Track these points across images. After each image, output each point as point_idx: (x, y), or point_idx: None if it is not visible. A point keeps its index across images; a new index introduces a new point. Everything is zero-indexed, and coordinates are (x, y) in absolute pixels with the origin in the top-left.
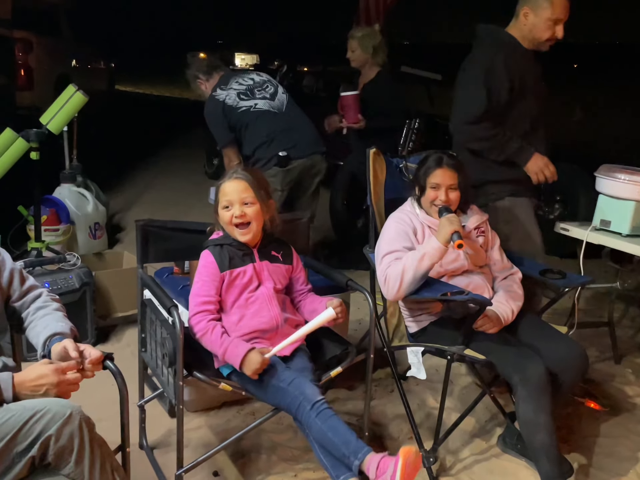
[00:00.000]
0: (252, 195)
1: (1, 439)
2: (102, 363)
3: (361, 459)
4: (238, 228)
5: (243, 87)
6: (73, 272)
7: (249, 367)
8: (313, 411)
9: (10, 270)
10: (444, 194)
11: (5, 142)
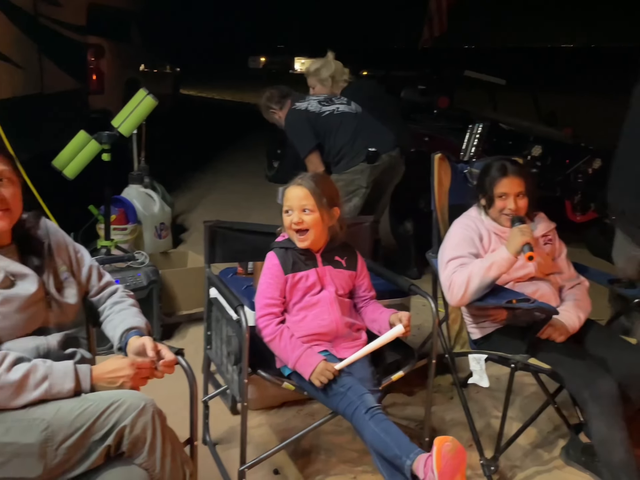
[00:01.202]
0: (312, 203)
1: (79, 428)
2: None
3: (413, 459)
4: (297, 234)
5: (321, 97)
6: (141, 270)
7: (319, 378)
8: (367, 414)
9: (89, 267)
10: (512, 203)
11: (79, 143)
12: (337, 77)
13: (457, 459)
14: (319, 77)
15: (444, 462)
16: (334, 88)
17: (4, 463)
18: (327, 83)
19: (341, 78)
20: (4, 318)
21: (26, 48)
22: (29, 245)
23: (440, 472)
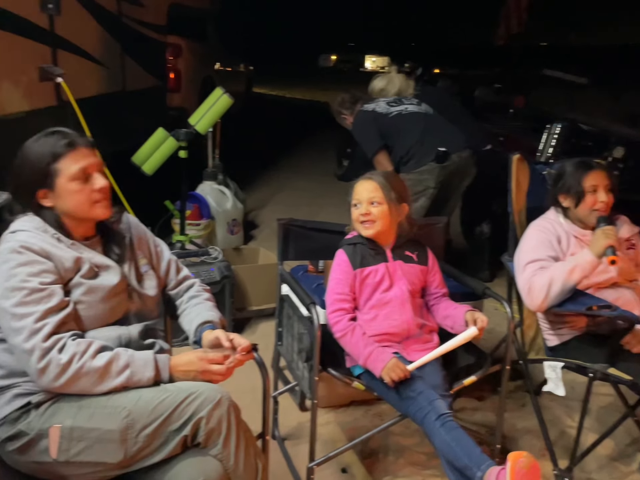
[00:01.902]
0: (380, 195)
1: (158, 417)
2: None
3: (484, 471)
4: (363, 224)
5: (390, 98)
6: (215, 265)
7: (390, 374)
8: (438, 421)
9: (168, 260)
10: (604, 194)
11: (158, 140)
12: (403, 92)
13: (532, 475)
14: (386, 95)
15: (518, 478)
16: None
17: (88, 447)
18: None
19: (407, 92)
20: (89, 307)
21: (110, 47)
22: (112, 238)
23: None
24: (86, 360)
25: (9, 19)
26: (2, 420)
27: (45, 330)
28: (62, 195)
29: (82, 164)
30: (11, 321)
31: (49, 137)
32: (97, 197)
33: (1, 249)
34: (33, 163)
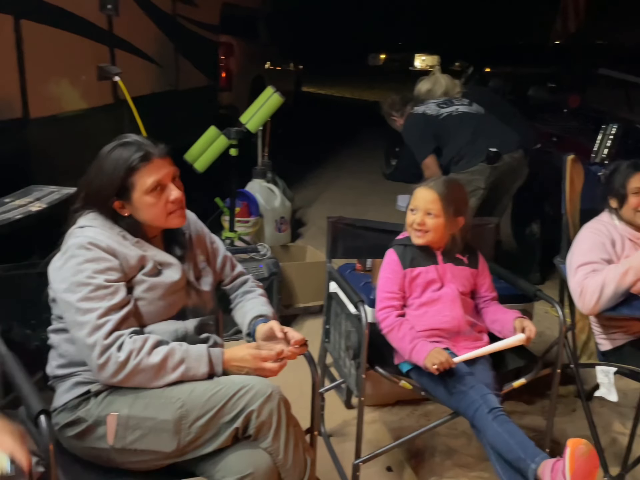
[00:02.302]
0: (438, 208)
1: (211, 409)
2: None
3: (538, 463)
4: (415, 231)
5: (441, 100)
6: (263, 262)
7: (432, 360)
8: (491, 414)
9: (223, 257)
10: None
11: (209, 138)
12: (450, 92)
13: (591, 464)
14: (433, 96)
15: (577, 465)
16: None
17: (143, 435)
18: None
19: (454, 92)
20: (149, 303)
21: (165, 47)
22: (173, 236)
23: (573, 475)
24: (143, 357)
25: (70, 19)
26: (62, 407)
27: (107, 327)
28: (139, 207)
29: (157, 176)
30: (75, 315)
31: (125, 148)
32: (172, 208)
33: (69, 244)
34: (109, 175)
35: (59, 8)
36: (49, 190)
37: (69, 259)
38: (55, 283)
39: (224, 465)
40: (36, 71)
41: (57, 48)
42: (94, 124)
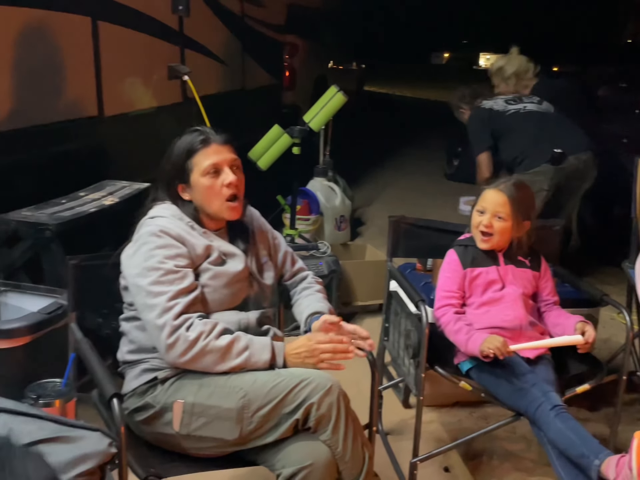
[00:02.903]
0: (507, 211)
1: (272, 400)
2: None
3: (602, 459)
4: (481, 235)
5: (510, 96)
6: (323, 260)
7: (488, 345)
8: (553, 411)
9: (284, 252)
10: None
11: (273, 137)
12: (522, 74)
13: None
14: (503, 75)
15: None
16: (518, 86)
17: (207, 423)
18: (510, 81)
19: (526, 76)
20: (213, 291)
21: (232, 47)
22: (237, 229)
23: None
24: (211, 339)
25: (144, 20)
26: (131, 392)
27: (176, 309)
28: (196, 189)
29: (213, 159)
30: (146, 298)
31: (189, 134)
32: (227, 193)
33: (141, 232)
34: (174, 159)
35: (134, 10)
36: (120, 185)
37: (141, 245)
38: (128, 269)
39: (284, 455)
40: (111, 71)
41: (131, 48)
42: (163, 122)
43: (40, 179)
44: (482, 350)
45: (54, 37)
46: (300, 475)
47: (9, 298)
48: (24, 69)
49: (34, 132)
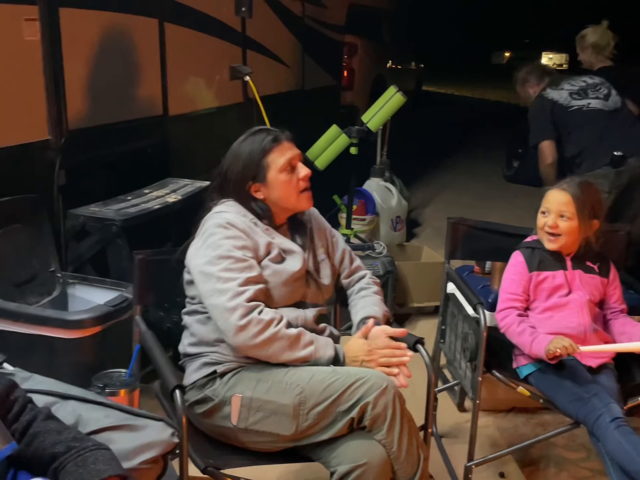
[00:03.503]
0: (572, 210)
1: (328, 397)
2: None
3: None
4: (548, 235)
5: (575, 87)
6: (379, 260)
7: (555, 345)
8: (613, 424)
9: (342, 251)
10: None
11: (331, 137)
12: (600, 48)
13: None
14: (583, 44)
15: None
16: (594, 59)
17: (264, 417)
18: (587, 51)
19: (604, 51)
20: (272, 288)
21: (293, 48)
22: (297, 226)
23: None
24: (281, 327)
25: (208, 22)
26: (191, 385)
27: (248, 294)
28: (273, 186)
29: (288, 156)
30: (217, 283)
31: (256, 135)
32: (302, 186)
33: (207, 225)
34: (245, 160)
35: (199, 11)
36: (183, 183)
37: (208, 237)
38: (195, 260)
39: (339, 453)
40: (176, 71)
41: (196, 49)
42: (224, 121)
43: (108, 176)
44: (549, 350)
45: (126, 38)
46: (355, 473)
47: (77, 290)
48: (96, 69)
49: (103, 131)
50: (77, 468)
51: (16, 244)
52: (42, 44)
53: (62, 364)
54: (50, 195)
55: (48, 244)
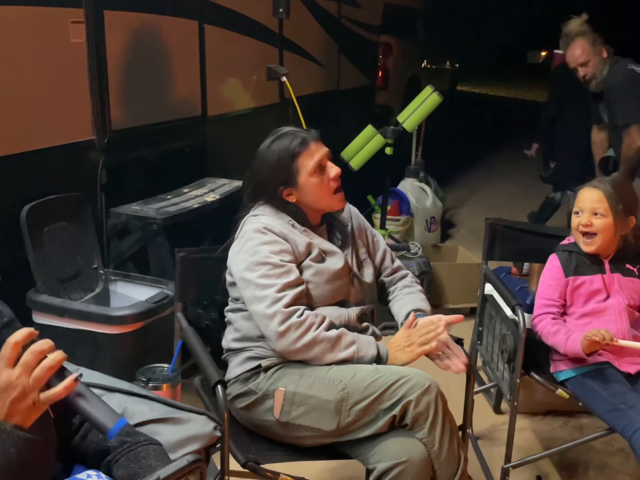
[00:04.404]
0: (605, 207)
1: (370, 395)
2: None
3: None
4: (583, 237)
5: None
6: (414, 260)
7: (591, 337)
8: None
9: (384, 250)
10: None
11: (366, 137)
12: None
13: None
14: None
15: None
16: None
17: (306, 412)
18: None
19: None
20: (315, 287)
21: (329, 48)
22: (336, 226)
23: None
24: (321, 330)
25: (246, 23)
26: (234, 379)
27: (286, 300)
28: (305, 190)
29: (317, 157)
30: (255, 290)
31: (282, 139)
32: (334, 185)
33: (246, 229)
34: (274, 166)
35: (237, 13)
36: (221, 183)
37: (246, 242)
38: (235, 265)
39: (379, 450)
40: (215, 72)
41: (234, 50)
42: (261, 122)
43: (148, 175)
44: (586, 336)
45: (167, 40)
46: (395, 471)
47: (119, 287)
48: (138, 71)
49: (144, 132)
50: (130, 462)
51: (61, 241)
52: (88, 46)
53: (105, 359)
54: (93, 194)
55: (91, 241)
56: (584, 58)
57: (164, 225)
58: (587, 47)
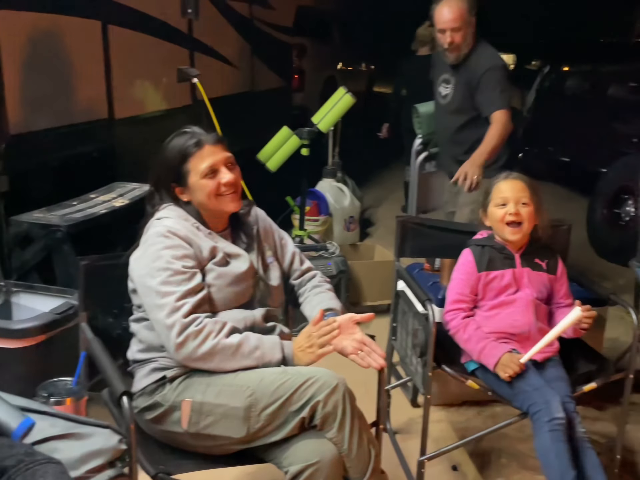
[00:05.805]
0: (528, 196)
1: (279, 398)
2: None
3: None
4: (509, 226)
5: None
6: (332, 260)
7: (505, 369)
8: (548, 425)
9: (292, 253)
10: None
11: (282, 138)
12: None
13: None
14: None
15: None
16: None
17: (215, 421)
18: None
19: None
20: (218, 290)
21: (242, 50)
22: (241, 228)
23: None
24: (220, 338)
25: (153, 23)
26: (140, 392)
27: (185, 309)
28: (195, 191)
29: (209, 161)
30: (155, 298)
31: (180, 137)
32: (224, 191)
33: (149, 233)
34: (168, 162)
35: (143, 13)
36: (131, 187)
37: (149, 246)
38: (136, 271)
39: (291, 453)
40: (122, 74)
41: (141, 51)
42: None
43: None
44: (499, 374)
45: (67, 41)
46: (307, 472)
47: (22, 298)
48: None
49: (47, 136)
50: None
51: None
52: None
53: (6, 375)
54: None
55: None
56: (458, 23)
57: (69, 232)
58: (465, 12)
